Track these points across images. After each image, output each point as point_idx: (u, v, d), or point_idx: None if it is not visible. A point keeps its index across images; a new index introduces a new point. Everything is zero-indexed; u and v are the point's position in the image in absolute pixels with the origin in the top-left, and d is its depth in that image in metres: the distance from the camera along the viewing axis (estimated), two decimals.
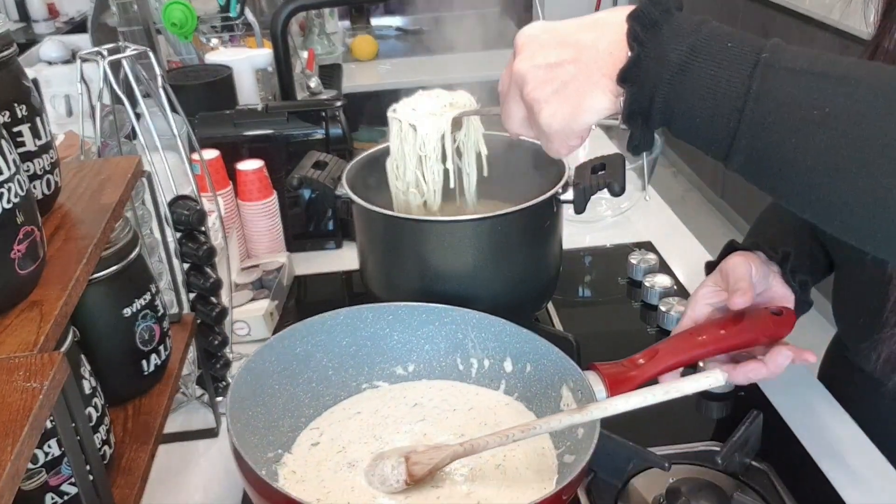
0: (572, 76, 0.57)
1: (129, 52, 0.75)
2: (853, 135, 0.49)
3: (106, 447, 0.64)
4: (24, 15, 3.15)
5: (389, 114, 0.91)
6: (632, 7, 0.56)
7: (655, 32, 0.54)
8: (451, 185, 0.93)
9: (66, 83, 1.62)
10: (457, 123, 0.91)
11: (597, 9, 4.21)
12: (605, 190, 0.88)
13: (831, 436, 0.84)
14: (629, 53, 0.55)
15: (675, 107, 0.54)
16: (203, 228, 0.80)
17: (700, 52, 0.53)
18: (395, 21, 2.73)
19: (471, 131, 0.93)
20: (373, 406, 0.82)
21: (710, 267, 0.87)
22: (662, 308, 1.03)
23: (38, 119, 0.59)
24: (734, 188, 3.28)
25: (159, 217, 0.78)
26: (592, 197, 0.90)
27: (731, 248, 0.87)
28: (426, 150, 0.89)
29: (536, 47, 0.59)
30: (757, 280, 0.81)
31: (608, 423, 0.70)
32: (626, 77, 0.55)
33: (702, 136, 0.55)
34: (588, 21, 0.59)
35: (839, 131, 0.50)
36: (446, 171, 0.92)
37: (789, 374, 0.94)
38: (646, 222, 1.17)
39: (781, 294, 0.83)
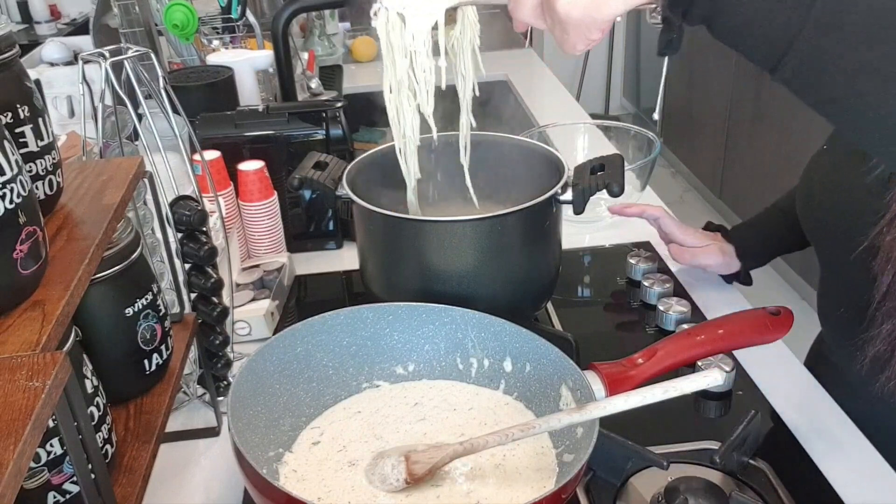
0: None
1: (130, 54, 0.76)
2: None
3: (108, 446, 0.64)
4: (26, 16, 3.16)
5: (375, 5, 0.80)
6: None
7: None
8: (443, 87, 0.83)
9: (68, 84, 1.63)
10: (450, 18, 0.80)
11: None
12: (605, 190, 0.88)
13: (829, 435, 0.84)
14: None
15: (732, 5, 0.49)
16: (204, 229, 0.80)
17: None
18: None
19: (466, 27, 0.82)
20: (374, 405, 0.83)
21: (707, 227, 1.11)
22: (661, 308, 1.03)
23: (40, 120, 0.60)
24: (732, 188, 3.28)
25: (161, 217, 0.78)
26: (591, 197, 0.90)
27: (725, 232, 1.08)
28: (415, 44, 0.78)
29: None
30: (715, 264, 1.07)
31: (607, 423, 0.70)
32: None
33: (755, 34, 0.49)
34: None
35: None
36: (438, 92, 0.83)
37: (787, 375, 0.94)
38: (645, 222, 1.17)
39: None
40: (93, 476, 0.54)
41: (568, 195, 0.91)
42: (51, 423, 0.50)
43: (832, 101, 0.51)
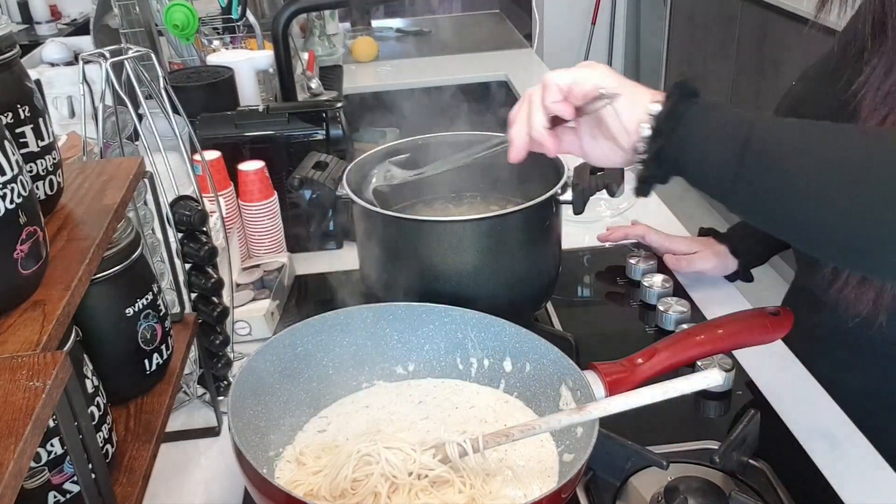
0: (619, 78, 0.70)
1: (131, 54, 0.76)
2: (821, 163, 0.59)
3: (108, 446, 0.64)
4: (26, 17, 3.15)
5: None
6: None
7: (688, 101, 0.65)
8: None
9: (68, 84, 1.63)
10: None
11: (595, 10, 4.22)
12: (604, 191, 0.89)
13: (828, 434, 0.84)
14: (664, 100, 0.67)
15: (686, 158, 0.65)
16: (204, 229, 0.80)
17: (717, 110, 0.64)
18: (396, 22, 2.74)
19: None
20: (381, 401, 0.83)
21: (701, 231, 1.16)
22: (661, 308, 1.03)
23: (40, 120, 0.60)
24: None
25: (161, 217, 0.78)
26: (591, 197, 0.90)
27: (717, 234, 1.12)
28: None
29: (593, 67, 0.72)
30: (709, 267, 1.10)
31: (607, 422, 0.70)
32: (659, 119, 0.66)
33: (708, 183, 0.65)
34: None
35: (817, 167, 0.59)
36: None
37: (787, 375, 0.94)
38: (644, 222, 1.18)
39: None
40: (93, 476, 0.54)
41: (568, 195, 0.91)
42: (51, 423, 0.50)
43: (780, 231, 0.67)
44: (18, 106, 0.57)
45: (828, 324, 0.91)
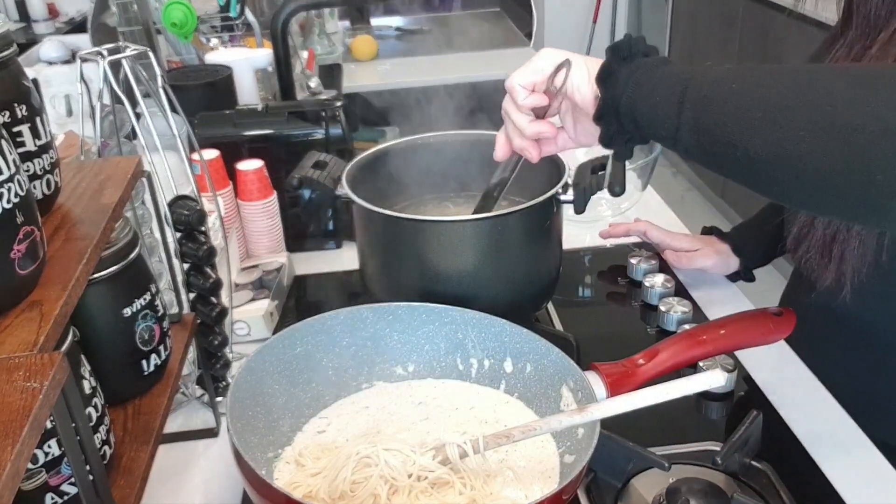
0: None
1: (129, 53, 0.75)
2: (757, 103, 0.60)
3: (106, 447, 0.64)
4: (24, 15, 3.15)
5: None
6: None
7: (626, 63, 0.69)
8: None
9: (66, 83, 1.62)
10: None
11: (596, 9, 4.21)
12: (605, 190, 0.88)
13: (831, 436, 0.84)
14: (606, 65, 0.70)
15: (637, 96, 0.67)
16: (203, 228, 0.80)
17: (655, 67, 0.68)
18: (395, 21, 2.73)
19: None
20: (381, 402, 0.83)
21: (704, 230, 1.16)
22: (662, 308, 1.03)
23: (37, 119, 0.59)
24: (734, 188, 3.28)
25: (159, 217, 0.78)
26: (592, 197, 0.90)
27: (720, 233, 1.13)
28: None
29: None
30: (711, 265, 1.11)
31: (608, 424, 0.70)
32: (601, 78, 0.70)
33: (657, 122, 0.67)
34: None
35: (747, 98, 0.60)
36: None
37: (789, 375, 0.94)
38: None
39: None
40: (91, 477, 0.54)
41: (569, 195, 0.90)
42: (49, 424, 0.50)
43: (722, 170, 0.66)
44: (15, 105, 0.57)
45: (815, 304, 0.92)
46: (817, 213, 0.83)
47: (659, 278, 1.08)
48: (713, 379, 0.68)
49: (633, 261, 1.14)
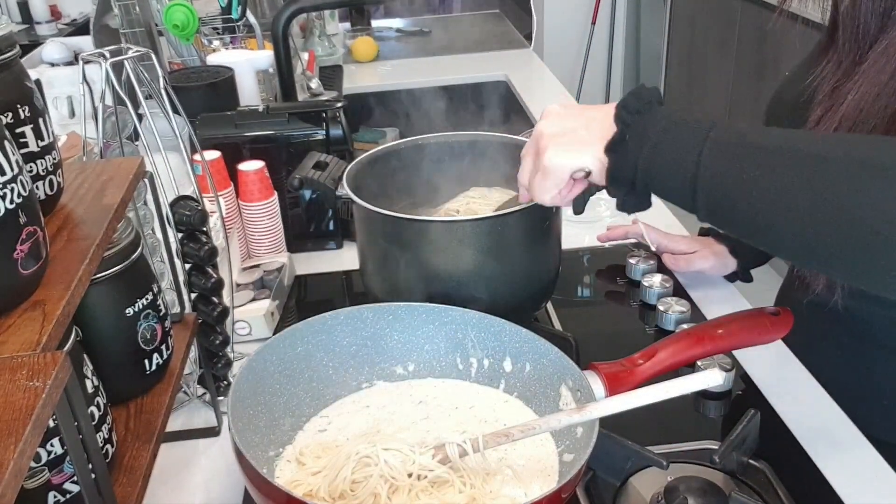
0: (578, 135, 0.72)
1: (131, 54, 0.76)
2: (773, 196, 0.61)
3: (108, 446, 0.64)
4: (26, 17, 3.15)
5: None
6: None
7: (637, 118, 0.68)
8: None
9: (68, 84, 1.63)
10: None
11: (595, 10, 4.22)
12: (604, 191, 0.88)
13: (829, 434, 0.84)
14: (615, 130, 0.70)
15: (650, 175, 0.68)
16: (204, 229, 0.80)
17: (669, 133, 0.66)
18: (396, 22, 2.74)
19: None
20: (381, 401, 0.83)
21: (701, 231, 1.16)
22: (661, 308, 1.03)
23: (40, 120, 0.60)
24: None
25: (161, 217, 0.78)
26: (591, 198, 0.90)
27: (716, 234, 1.13)
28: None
29: (556, 116, 0.75)
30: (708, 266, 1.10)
31: (607, 422, 0.70)
32: (612, 148, 0.70)
33: (673, 195, 0.68)
34: (598, 106, 0.74)
35: (770, 187, 0.61)
36: None
37: (787, 375, 0.94)
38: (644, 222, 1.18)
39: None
40: (93, 476, 0.54)
41: None
42: (51, 423, 0.50)
43: (739, 234, 0.68)
44: (18, 106, 0.57)
45: (812, 303, 0.92)
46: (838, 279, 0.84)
47: (657, 278, 1.09)
48: (711, 378, 0.68)
49: (632, 261, 1.14)
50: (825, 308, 0.88)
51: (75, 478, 0.57)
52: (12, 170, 0.50)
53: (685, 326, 0.96)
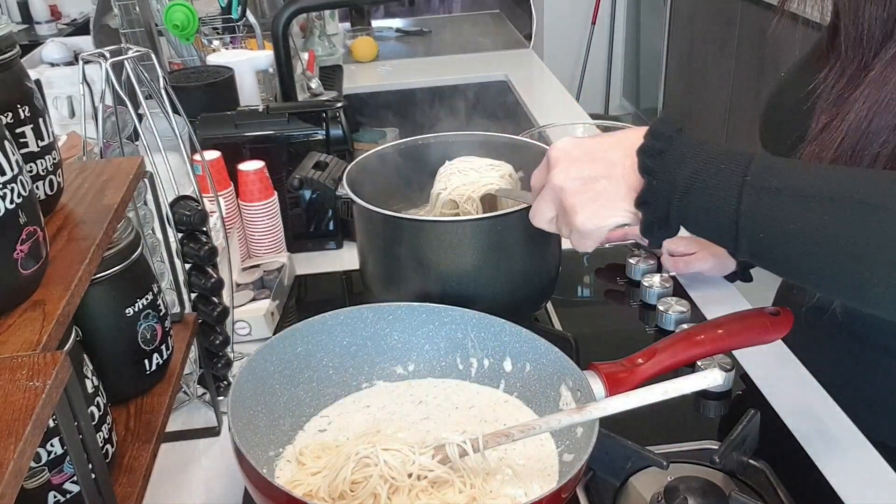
0: (605, 190, 0.68)
1: (131, 54, 0.76)
2: (820, 246, 0.60)
3: (108, 446, 0.64)
4: (26, 16, 3.16)
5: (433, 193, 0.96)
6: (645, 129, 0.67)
7: (661, 162, 0.65)
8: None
9: (68, 84, 1.63)
10: (489, 200, 0.93)
11: (595, 10, 4.22)
12: None
13: (829, 435, 0.84)
14: (642, 182, 0.66)
15: (686, 219, 0.65)
16: (204, 229, 0.80)
17: (699, 176, 0.63)
18: (396, 23, 2.74)
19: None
20: (382, 401, 0.83)
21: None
22: (661, 308, 1.03)
23: (40, 120, 0.60)
24: None
25: (161, 217, 0.78)
26: None
27: None
28: None
29: (570, 162, 0.69)
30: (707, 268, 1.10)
31: (607, 422, 0.70)
32: (643, 200, 0.66)
33: (713, 238, 0.66)
34: (612, 140, 0.69)
35: (815, 239, 0.60)
36: None
37: (787, 375, 0.94)
38: None
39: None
40: (93, 476, 0.54)
41: None
42: (51, 423, 0.50)
43: (784, 276, 0.70)
44: (18, 106, 0.57)
45: (808, 305, 0.92)
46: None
47: (657, 278, 1.09)
48: (711, 378, 0.68)
49: (632, 260, 1.14)
50: (824, 313, 0.88)
51: (75, 478, 0.57)
52: (12, 170, 0.50)
53: (685, 326, 0.96)
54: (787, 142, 0.86)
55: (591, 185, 0.68)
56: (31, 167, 0.59)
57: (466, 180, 0.94)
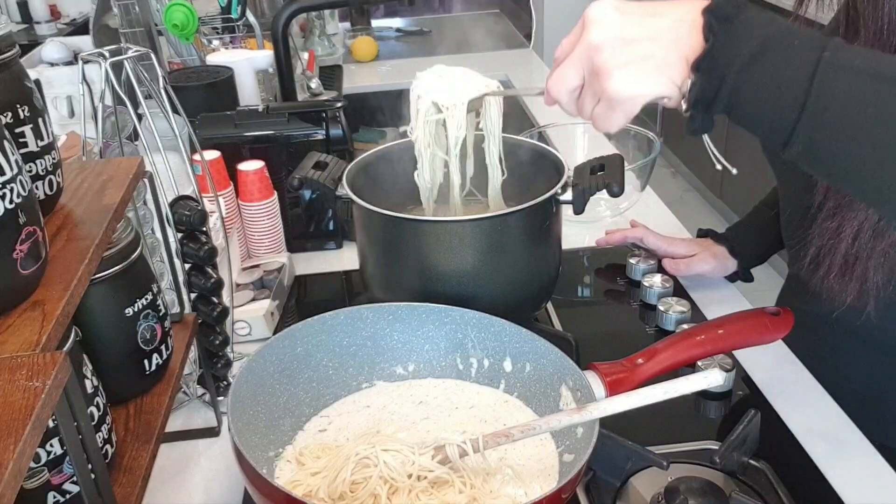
0: (650, 53, 0.59)
1: (130, 54, 0.76)
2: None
3: (108, 446, 0.64)
4: (26, 16, 3.15)
5: (413, 100, 0.90)
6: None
7: (729, 26, 0.57)
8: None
9: (68, 84, 1.63)
10: (475, 105, 0.88)
11: None
12: (604, 190, 0.88)
13: (829, 435, 0.84)
14: (704, 43, 0.58)
15: (741, 96, 0.57)
16: (204, 229, 0.80)
17: (769, 47, 0.56)
18: (396, 22, 2.74)
19: (493, 114, 0.90)
20: (381, 401, 0.83)
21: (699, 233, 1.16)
22: (661, 308, 1.03)
23: (40, 120, 0.60)
24: (732, 189, 3.28)
25: (161, 217, 0.78)
26: (591, 197, 0.90)
27: (715, 235, 1.13)
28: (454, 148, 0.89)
29: (612, 21, 0.61)
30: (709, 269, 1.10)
31: (607, 423, 0.70)
32: (699, 66, 0.58)
33: (763, 124, 0.58)
34: (664, 4, 0.61)
35: (889, 129, 0.54)
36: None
37: (787, 375, 0.94)
38: (644, 222, 1.18)
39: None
40: (93, 476, 0.54)
41: (568, 195, 0.91)
42: (51, 423, 0.50)
43: (834, 179, 0.62)
44: (18, 106, 0.57)
45: (814, 311, 0.92)
46: None
47: (657, 278, 1.09)
48: (711, 378, 0.68)
49: (632, 261, 1.14)
50: (828, 319, 0.87)
51: (75, 478, 0.57)
52: (12, 170, 0.50)
53: (685, 326, 0.96)
54: None
55: (635, 47, 0.60)
56: (30, 167, 0.58)
57: (448, 86, 0.89)
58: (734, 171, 0.68)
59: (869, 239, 0.78)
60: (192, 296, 0.83)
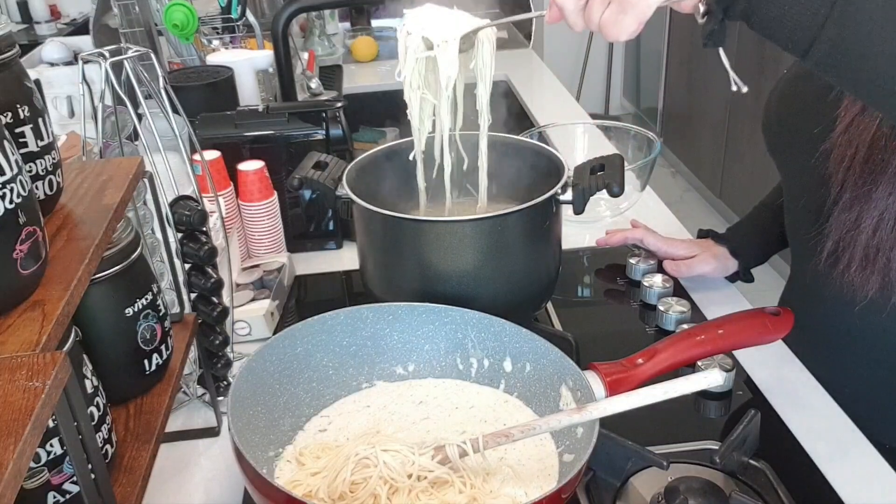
0: None
1: (130, 54, 0.76)
2: None
3: (108, 446, 0.64)
4: (26, 16, 3.15)
5: (402, 37, 0.84)
6: None
7: None
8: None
9: (68, 84, 1.63)
10: (467, 41, 0.83)
11: None
12: (604, 190, 0.88)
13: (829, 435, 0.84)
14: None
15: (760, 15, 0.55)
16: (204, 229, 0.80)
17: None
18: (396, 22, 2.73)
19: (486, 55, 0.86)
20: (381, 401, 0.83)
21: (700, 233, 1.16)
22: (661, 308, 1.03)
23: (40, 120, 0.60)
24: (732, 188, 3.28)
25: (161, 217, 0.78)
26: (591, 197, 0.90)
27: (715, 235, 1.12)
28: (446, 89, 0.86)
29: None
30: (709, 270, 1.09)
31: (607, 423, 0.70)
32: None
33: (786, 26, 0.55)
34: None
35: None
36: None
37: (787, 375, 0.94)
38: (644, 222, 1.18)
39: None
40: (93, 476, 0.54)
41: (568, 195, 0.91)
42: (51, 423, 0.50)
43: (856, 83, 0.58)
44: (18, 106, 0.57)
45: (816, 312, 0.91)
46: None
47: (657, 278, 1.09)
48: (711, 378, 0.68)
49: (632, 261, 1.14)
50: (831, 323, 0.86)
51: (75, 478, 0.57)
52: (12, 170, 0.50)
53: (685, 326, 0.96)
54: (808, 132, 0.85)
55: None
56: (30, 167, 0.58)
57: (440, 22, 0.83)
58: (745, 88, 0.63)
59: (891, 229, 0.77)
60: (192, 296, 0.83)
